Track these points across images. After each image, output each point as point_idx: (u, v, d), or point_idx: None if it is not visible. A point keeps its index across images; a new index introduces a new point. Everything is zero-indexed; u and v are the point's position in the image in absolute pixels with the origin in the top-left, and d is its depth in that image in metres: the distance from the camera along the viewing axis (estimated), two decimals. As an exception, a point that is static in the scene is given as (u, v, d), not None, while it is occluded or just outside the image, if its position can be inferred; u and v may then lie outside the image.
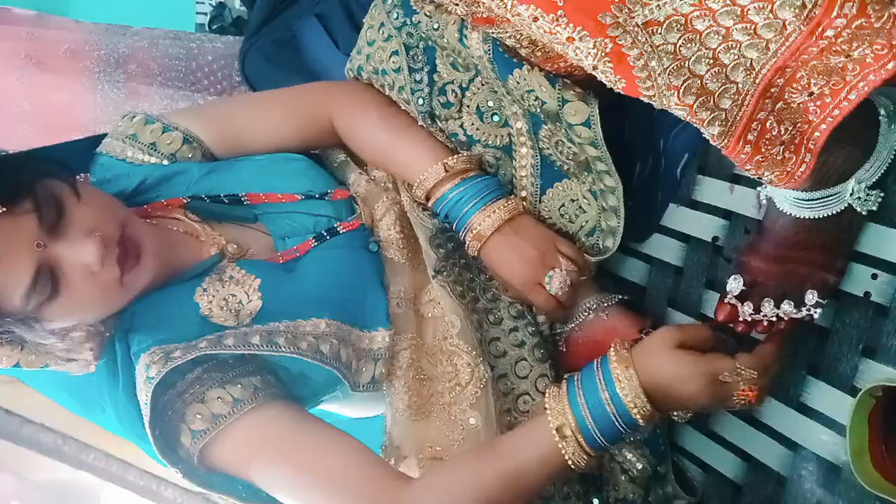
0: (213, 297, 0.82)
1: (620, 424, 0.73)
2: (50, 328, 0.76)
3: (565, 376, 0.80)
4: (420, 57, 0.89)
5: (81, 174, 0.88)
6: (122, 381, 0.79)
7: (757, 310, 0.75)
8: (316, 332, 0.80)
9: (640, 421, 0.73)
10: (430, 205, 0.91)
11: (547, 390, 0.78)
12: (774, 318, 0.75)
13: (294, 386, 0.84)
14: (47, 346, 0.78)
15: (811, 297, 0.73)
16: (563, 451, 0.74)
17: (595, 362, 0.77)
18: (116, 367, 0.80)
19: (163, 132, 0.92)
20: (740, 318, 0.76)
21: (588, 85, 0.78)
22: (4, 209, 0.71)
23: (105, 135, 0.95)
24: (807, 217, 0.71)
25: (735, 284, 0.76)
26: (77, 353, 0.79)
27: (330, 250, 0.89)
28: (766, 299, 0.74)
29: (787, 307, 0.74)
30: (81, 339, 0.79)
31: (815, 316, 0.73)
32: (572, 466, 0.74)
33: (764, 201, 0.76)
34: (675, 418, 0.88)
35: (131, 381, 0.78)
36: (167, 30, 1.47)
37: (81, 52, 1.31)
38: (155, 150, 0.91)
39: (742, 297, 0.76)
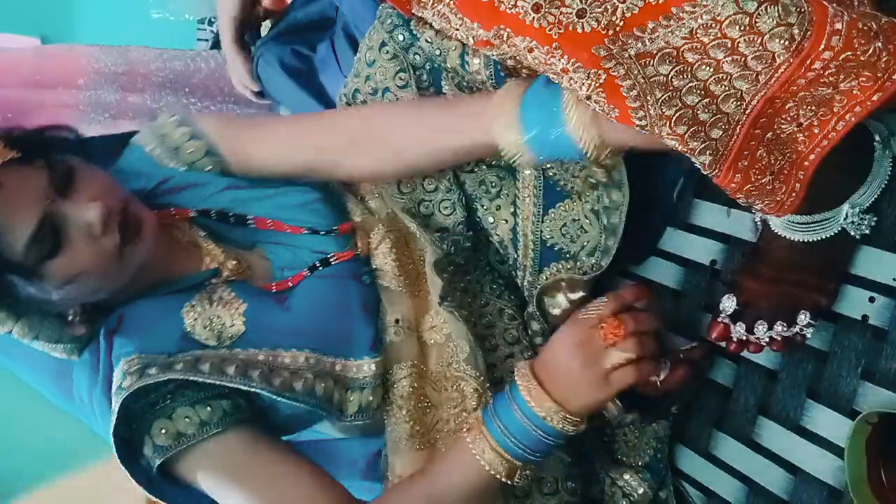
0: (199, 314, 0.83)
1: (532, 426, 0.76)
2: (51, 285, 0.78)
3: None
4: (426, 78, 0.89)
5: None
6: (100, 380, 0.81)
7: (749, 329, 0.76)
8: (294, 366, 0.80)
9: (529, 402, 0.76)
10: (517, 126, 0.75)
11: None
12: (767, 340, 0.75)
13: (268, 412, 0.84)
14: (46, 310, 0.80)
15: (803, 317, 0.73)
16: (475, 455, 0.76)
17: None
18: (98, 364, 0.82)
19: (189, 139, 0.92)
20: (733, 337, 0.77)
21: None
22: (19, 154, 0.75)
23: (132, 134, 0.95)
24: (800, 240, 0.72)
25: (729, 304, 0.77)
26: (70, 331, 0.82)
27: (319, 280, 0.89)
28: (759, 322, 0.75)
29: (779, 328, 0.74)
30: (76, 313, 0.82)
31: (808, 336, 0.74)
32: (489, 470, 0.76)
33: (759, 223, 0.77)
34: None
35: (109, 381, 0.79)
36: (170, 52, 1.48)
37: None
38: (175, 155, 0.91)
39: (735, 317, 0.76)
